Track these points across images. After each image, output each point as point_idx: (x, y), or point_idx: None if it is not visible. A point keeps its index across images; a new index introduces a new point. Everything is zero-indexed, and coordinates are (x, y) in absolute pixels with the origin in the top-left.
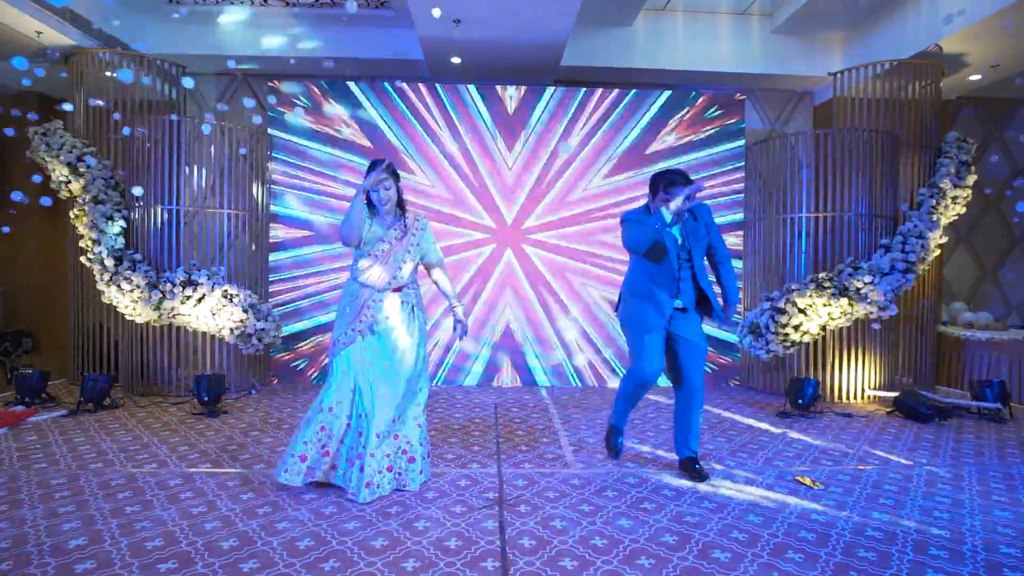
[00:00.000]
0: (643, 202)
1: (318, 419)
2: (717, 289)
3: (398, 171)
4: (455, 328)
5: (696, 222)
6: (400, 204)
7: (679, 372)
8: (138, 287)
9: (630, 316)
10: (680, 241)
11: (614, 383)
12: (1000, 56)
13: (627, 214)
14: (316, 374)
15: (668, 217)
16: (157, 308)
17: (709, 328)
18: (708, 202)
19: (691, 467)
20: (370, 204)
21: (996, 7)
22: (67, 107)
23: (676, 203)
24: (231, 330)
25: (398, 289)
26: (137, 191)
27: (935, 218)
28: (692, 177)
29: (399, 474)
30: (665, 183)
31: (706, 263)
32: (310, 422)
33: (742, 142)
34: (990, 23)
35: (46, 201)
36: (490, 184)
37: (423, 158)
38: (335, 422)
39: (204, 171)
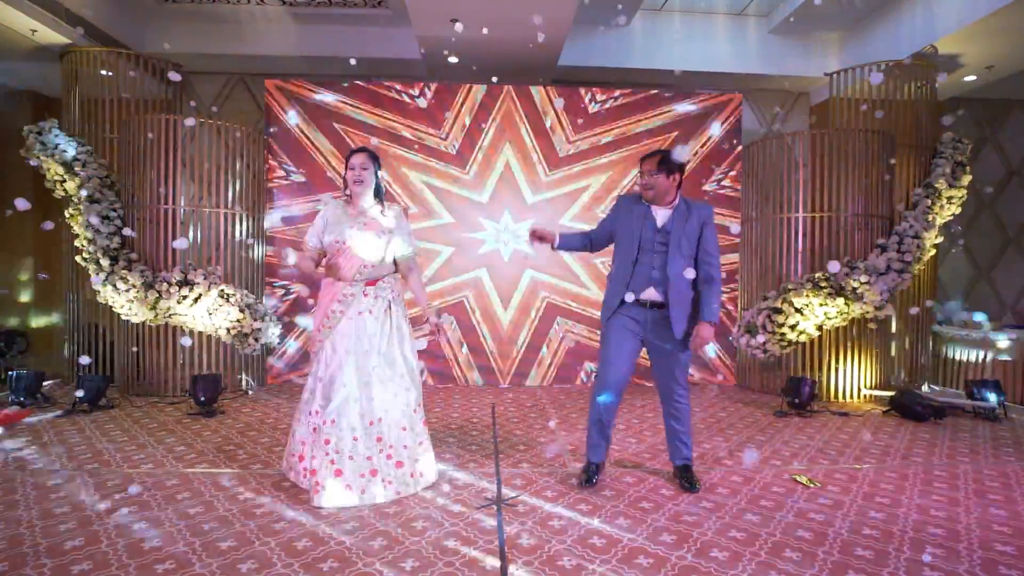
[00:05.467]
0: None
1: (308, 420)
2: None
3: (379, 159)
4: (432, 331)
5: (690, 217)
6: (378, 194)
7: (655, 379)
8: (134, 287)
9: (603, 310)
10: (659, 226)
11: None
12: (994, 58)
13: (619, 199)
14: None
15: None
16: (153, 308)
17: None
18: (706, 199)
19: (683, 474)
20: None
21: (990, 8)
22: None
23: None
24: (228, 330)
25: (372, 283)
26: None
27: (930, 218)
28: (690, 177)
29: (388, 482)
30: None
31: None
32: (300, 424)
33: (738, 142)
34: (984, 25)
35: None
36: (488, 183)
37: (420, 157)
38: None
39: (200, 171)
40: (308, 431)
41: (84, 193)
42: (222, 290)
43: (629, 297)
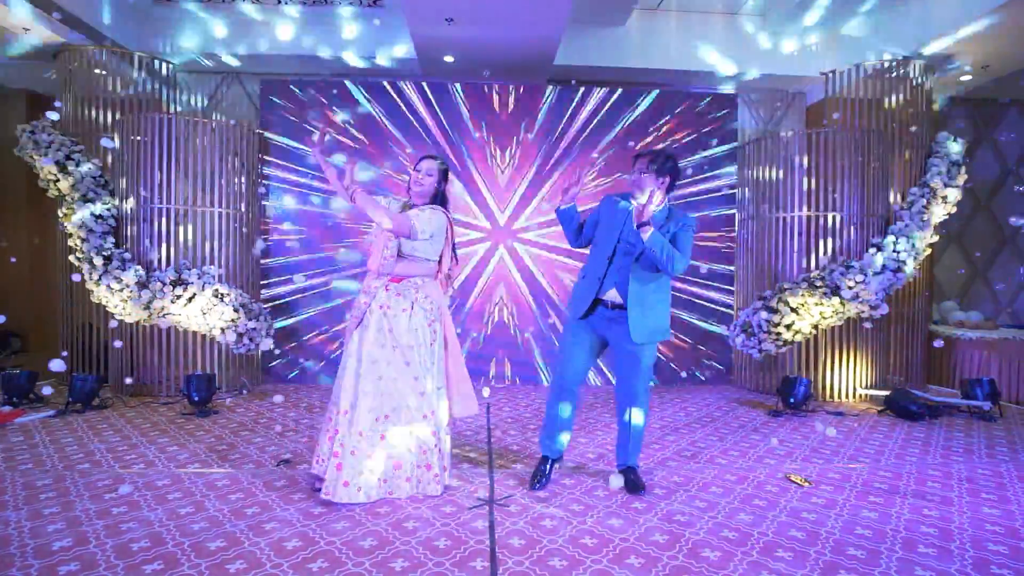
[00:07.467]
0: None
1: (329, 411)
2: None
3: (448, 172)
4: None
5: (667, 222)
6: (437, 201)
7: (617, 379)
8: (128, 286)
9: (572, 308)
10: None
11: (609, 382)
12: (990, 58)
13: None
14: (295, 373)
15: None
16: (147, 307)
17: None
18: (702, 199)
19: (626, 477)
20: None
21: (986, 9)
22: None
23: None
24: (222, 329)
25: (396, 280)
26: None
27: (926, 217)
28: (686, 176)
29: (384, 480)
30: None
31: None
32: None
33: (735, 141)
34: (980, 25)
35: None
36: (482, 183)
37: (416, 157)
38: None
39: (195, 170)
40: (327, 421)
41: (77, 193)
42: (216, 289)
43: (607, 297)
